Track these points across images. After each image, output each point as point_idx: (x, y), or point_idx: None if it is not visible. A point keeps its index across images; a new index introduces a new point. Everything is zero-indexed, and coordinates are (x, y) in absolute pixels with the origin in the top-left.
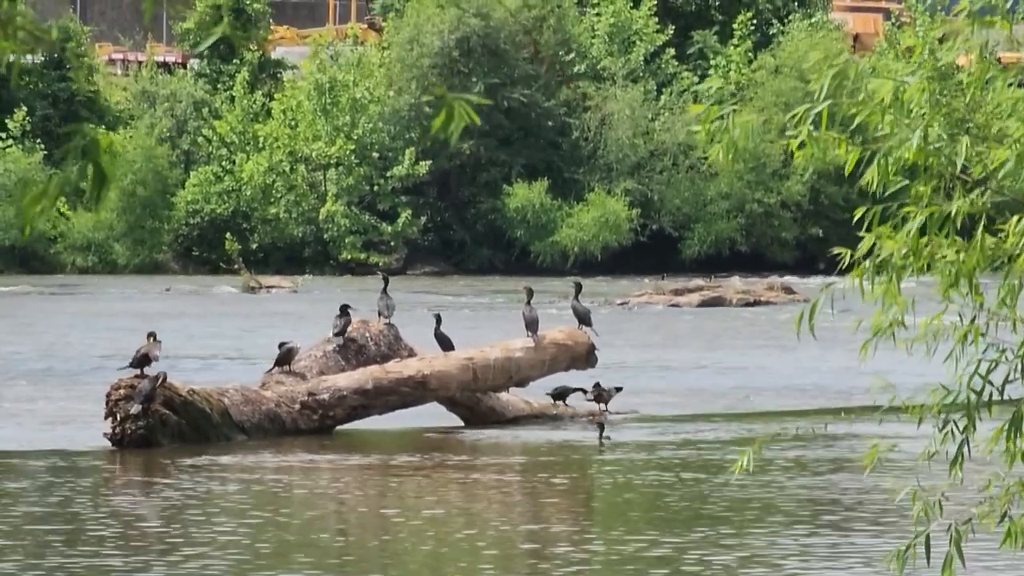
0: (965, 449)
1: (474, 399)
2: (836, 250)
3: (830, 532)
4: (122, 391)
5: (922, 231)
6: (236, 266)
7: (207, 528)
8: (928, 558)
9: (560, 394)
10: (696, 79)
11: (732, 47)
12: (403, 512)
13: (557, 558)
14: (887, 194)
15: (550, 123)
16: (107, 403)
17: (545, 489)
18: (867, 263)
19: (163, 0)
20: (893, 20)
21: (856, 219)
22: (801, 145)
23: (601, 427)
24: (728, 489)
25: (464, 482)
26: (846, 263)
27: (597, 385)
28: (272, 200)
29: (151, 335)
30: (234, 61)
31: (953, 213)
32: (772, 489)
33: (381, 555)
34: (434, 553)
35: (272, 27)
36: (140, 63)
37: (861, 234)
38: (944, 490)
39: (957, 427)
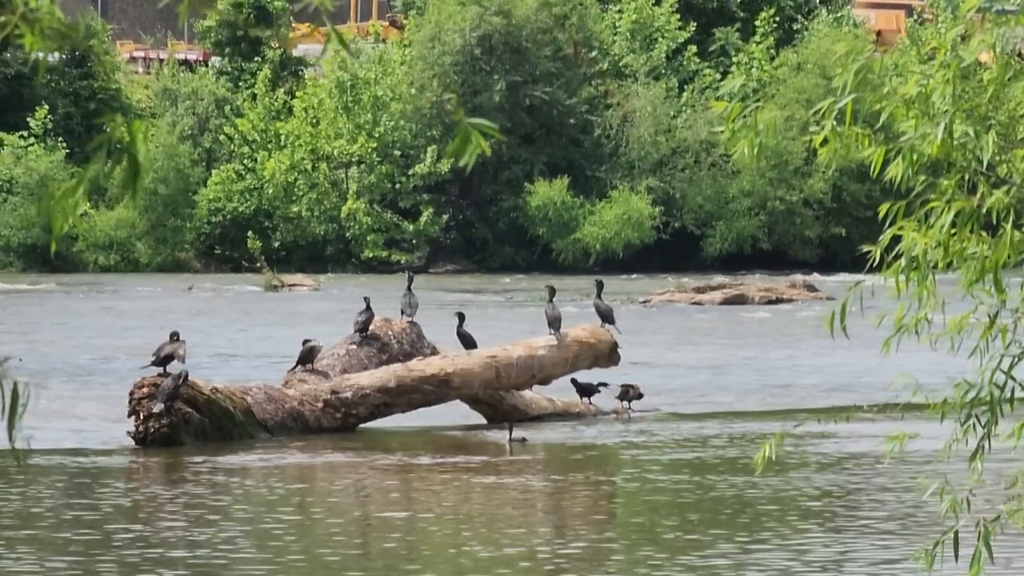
0: (986, 443)
1: (497, 397)
2: (865, 247)
3: (852, 530)
4: (145, 390)
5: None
6: (258, 264)
7: (228, 528)
8: (956, 554)
9: (586, 390)
10: (718, 76)
11: (754, 44)
12: (425, 513)
13: (577, 559)
14: (912, 192)
15: (572, 120)
16: (130, 402)
17: (567, 488)
18: (901, 260)
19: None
20: (915, 17)
21: (882, 215)
22: (824, 142)
23: (511, 428)
24: (751, 487)
25: (486, 482)
26: (876, 260)
27: (627, 383)
28: (294, 198)
29: (174, 335)
30: (256, 59)
31: (984, 208)
32: (794, 487)
33: (403, 557)
34: (455, 555)
35: (293, 25)
36: (161, 61)
37: (886, 230)
38: (972, 487)
39: (979, 421)
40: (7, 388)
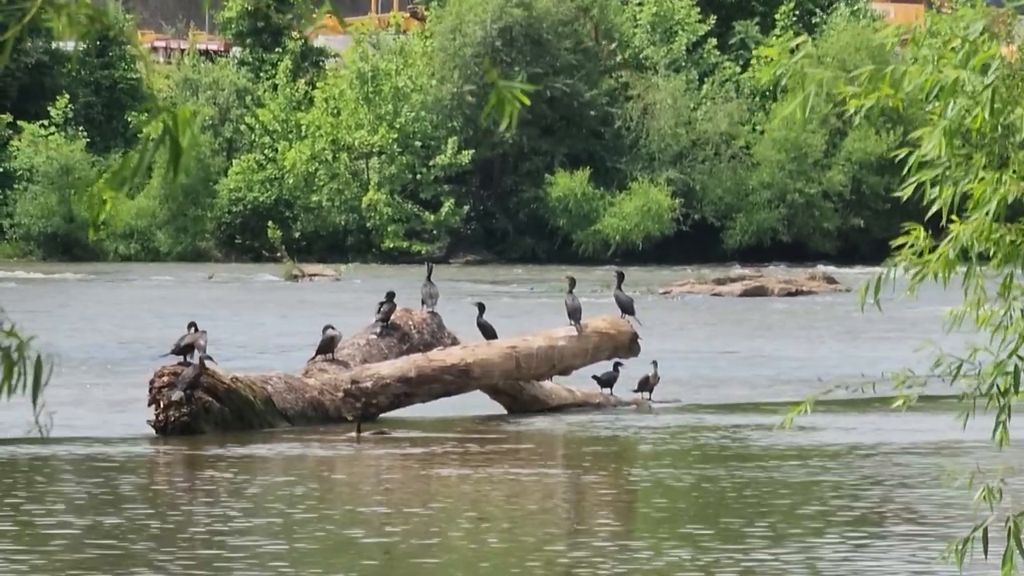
0: (1006, 417)
1: (517, 387)
2: (897, 242)
3: (876, 522)
4: (165, 378)
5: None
6: (279, 254)
7: (248, 519)
8: (985, 550)
9: (606, 381)
10: (738, 69)
11: (774, 37)
12: (445, 504)
13: (596, 553)
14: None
15: (592, 112)
16: (151, 390)
17: (586, 479)
18: (947, 249)
19: None
20: (935, 11)
21: (897, 158)
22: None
23: (359, 423)
24: (770, 480)
25: (506, 472)
26: (924, 248)
27: (655, 364)
28: (315, 188)
29: (192, 325)
30: (276, 49)
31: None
32: (812, 477)
33: (421, 547)
34: (472, 545)
35: (315, 13)
36: (182, 51)
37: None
38: (1001, 474)
39: (1000, 392)
40: (31, 361)
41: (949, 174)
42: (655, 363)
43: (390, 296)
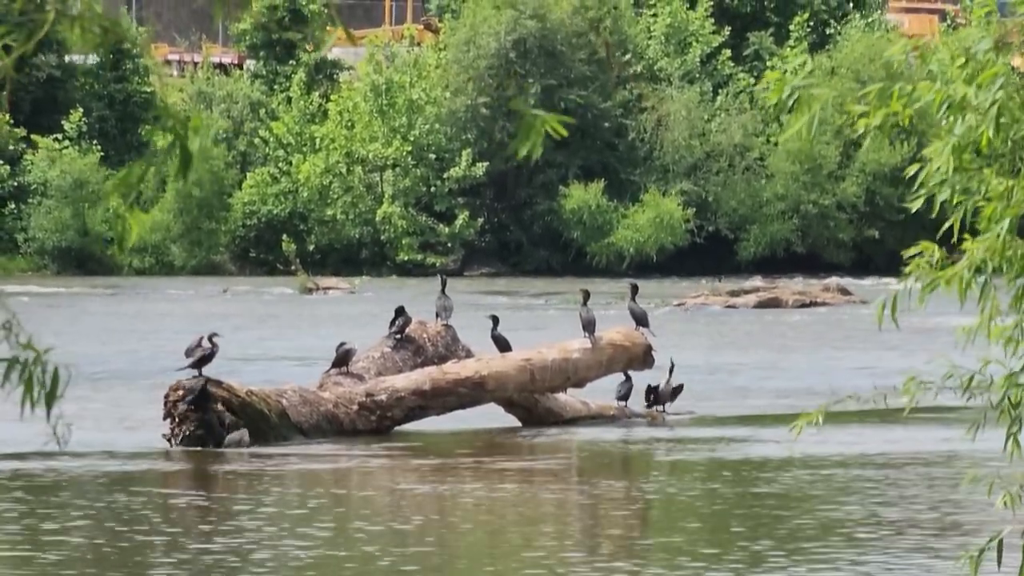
0: (1017, 427)
1: (531, 400)
2: (922, 244)
3: (890, 533)
4: (180, 392)
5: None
6: (293, 267)
7: (262, 533)
8: (999, 561)
9: (624, 395)
10: (752, 80)
11: (788, 48)
12: (459, 518)
13: (607, 567)
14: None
15: (606, 124)
16: (165, 404)
17: (602, 493)
18: (963, 267)
19: (228, 2)
20: (949, 22)
21: (909, 176)
22: (863, 115)
23: (208, 426)
24: (784, 491)
25: (520, 486)
26: (936, 261)
27: (670, 371)
28: (329, 201)
29: (208, 337)
30: (290, 62)
31: None
32: (827, 488)
33: (435, 563)
34: (486, 560)
35: (328, 28)
36: (196, 64)
37: (913, 198)
38: (1020, 483)
39: (1012, 404)
40: (48, 373)
41: (960, 188)
42: (671, 369)
43: (399, 311)
